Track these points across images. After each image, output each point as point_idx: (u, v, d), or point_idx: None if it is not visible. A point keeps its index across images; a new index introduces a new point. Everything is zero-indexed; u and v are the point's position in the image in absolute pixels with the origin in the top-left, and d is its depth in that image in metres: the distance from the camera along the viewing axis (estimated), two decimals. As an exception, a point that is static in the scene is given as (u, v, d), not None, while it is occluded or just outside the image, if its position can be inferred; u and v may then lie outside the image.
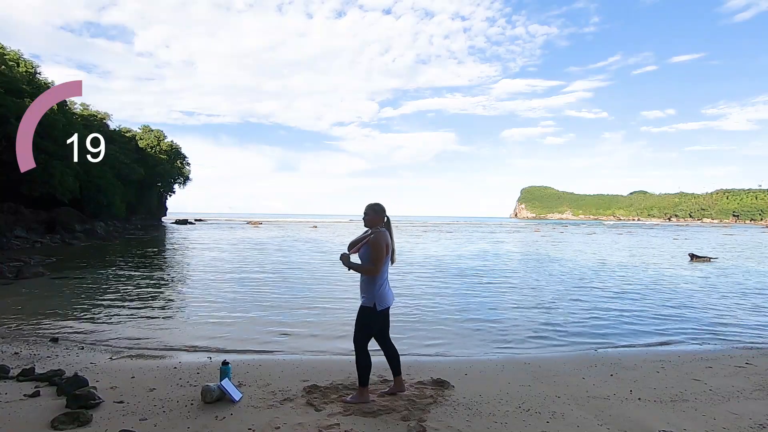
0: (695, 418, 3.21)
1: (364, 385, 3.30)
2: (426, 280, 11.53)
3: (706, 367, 4.52)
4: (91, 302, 8.04)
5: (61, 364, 4.27)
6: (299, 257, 17.58)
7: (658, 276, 13.10)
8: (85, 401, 3.11)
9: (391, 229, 3.41)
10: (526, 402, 3.45)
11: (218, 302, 8.26)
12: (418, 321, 6.85)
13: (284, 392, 3.52)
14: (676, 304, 8.66)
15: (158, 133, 57.21)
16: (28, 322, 6.40)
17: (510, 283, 11.32)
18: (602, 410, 3.32)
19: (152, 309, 7.59)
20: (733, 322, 7.15)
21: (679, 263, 17.25)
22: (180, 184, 62.68)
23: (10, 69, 27.97)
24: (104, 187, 33.24)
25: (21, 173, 24.09)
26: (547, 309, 8.01)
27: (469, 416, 3.15)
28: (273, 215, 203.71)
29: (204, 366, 4.27)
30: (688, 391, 3.77)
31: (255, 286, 10.23)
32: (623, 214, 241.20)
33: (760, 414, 3.28)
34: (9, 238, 19.51)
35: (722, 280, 12.44)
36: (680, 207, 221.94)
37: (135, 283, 10.49)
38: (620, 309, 8.06)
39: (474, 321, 6.98)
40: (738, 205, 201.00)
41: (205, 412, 3.10)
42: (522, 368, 4.40)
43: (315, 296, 8.97)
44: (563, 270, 14.32)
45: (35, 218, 24.42)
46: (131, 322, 6.57)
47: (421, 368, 4.16)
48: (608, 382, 4.00)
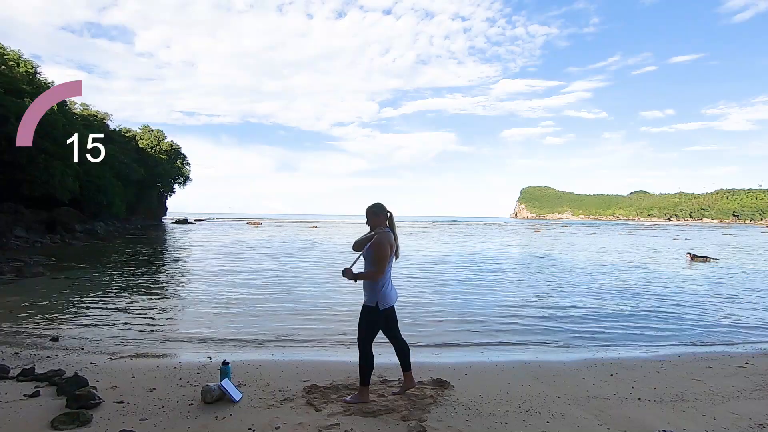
0: (695, 418, 3.21)
1: (364, 385, 3.30)
2: (426, 279, 11.53)
3: (706, 367, 4.52)
4: (91, 302, 8.04)
5: (61, 364, 4.26)
6: (299, 257, 17.58)
7: (657, 276, 13.09)
8: (85, 401, 3.11)
9: (394, 226, 3.40)
10: (526, 402, 3.44)
11: (218, 302, 8.25)
12: (418, 321, 6.84)
13: (284, 392, 3.52)
14: (676, 304, 8.66)
15: (158, 133, 57.24)
16: (28, 322, 6.39)
17: (510, 283, 11.31)
18: (602, 410, 3.32)
19: (152, 309, 7.58)
20: (733, 322, 7.15)
21: (678, 263, 17.25)
22: (180, 184, 62.77)
23: (10, 69, 28.02)
24: (104, 187, 33.24)
25: (21, 173, 24.14)
26: (546, 309, 8.00)
27: (469, 416, 3.15)
28: (273, 215, 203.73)
29: (204, 366, 4.27)
30: (688, 391, 3.77)
31: (255, 286, 10.23)
32: (623, 214, 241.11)
33: (760, 414, 3.28)
34: (9, 238, 19.48)
35: (722, 279, 12.43)
36: (680, 207, 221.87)
37: (135, 282, 10.48)
38: (620, 309, 8.06)
39: (474, 321, 6.97)
40: (738, 205, 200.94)
41: (205, 412, 3.09)
42: (522, 368, 4.40)
43: (315, 296, 8.97)
44: (563, 270, 14.32)
45: (35, 218, 24.38)
46: (131, 322, 6.56)
47: (421, 368, 4.15)
48: (608, 382, 4.00)
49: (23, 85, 26.64)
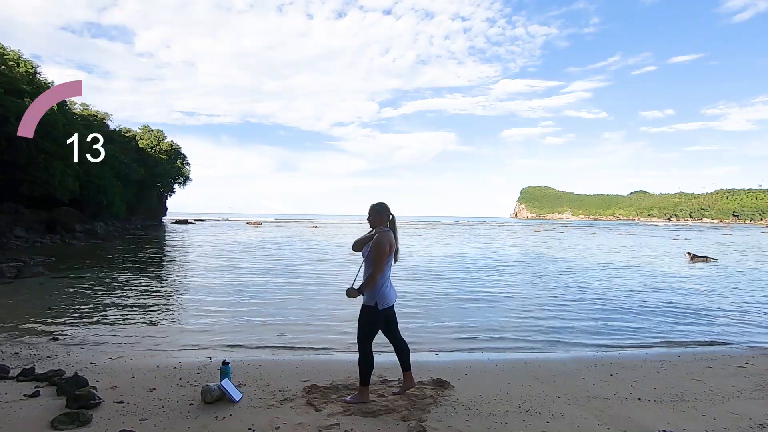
0: (695, 418, 3.21)
1: (364, 385, 3.30)
2: (425, 280, 11.53)
3: (706, 367, 4.52)
4: (91, 302, 8.04)
5: (61, 364, 4.26)
6: (300, 257, 17.58)
7: (657, 276, 13.09)
8: (85, 401, 3.11)
9: (396, 227, 3.40)
10: (526, 402, 3.44)
11: (218, 302, 8.25)
12: (418, 321, 6.85)
13: (284, 392, 3.52)
14: (676, 303, 8.66)
15: (158, 133, 57.21)
16: (28, 322, 6.39)
17: (510, 283, 11.31)
18: (602, 410, 3.32)
19: (152, 309, 7.59)
20: (732, 322, 7.15)
21: (678, 263, 17.25)
22: (180, 184, 62.72)
23: (10, 69, 28.01)
24: (104, 187, 33.21)
25: (21, 173, 24.13)
26: (546, 309, 8.00)
27: (469, 416, 3.15)
28: (273, 215, 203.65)
29: (204, 366, 4.26)
30: (688, 391, 3.77)
31: (255, 286, 10.23)
32: (623, 214, 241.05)
33: (760, 414, 3.28)
34: (9, 238, 19.48)
35: (721, 279, 12.44)
36: (680, 207, 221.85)
37: (135, 283, 10.48)
38: (620, 309, 8.06)
39: (474, 321, 6.98)
40: (738, 205, 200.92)
41: (205, 412, 3.09)
42: (522, 368, 4.40)
43: (315, 296, 8.98)
44: (563, 270, 14.32)
45: (35, 218, 24.38)
46: (131, 322, 6.56)
47: (421, 368, 4.15)
48: (608, 382, 4.00)
49: (23, 85, 26.61)
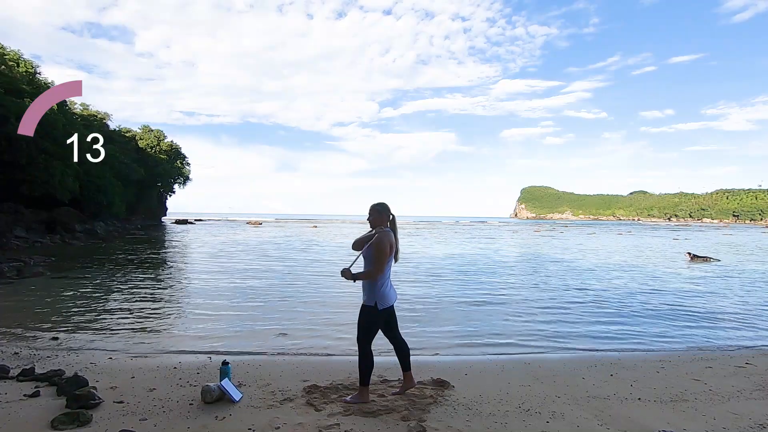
0: (695, 418, 3.21)
1: (364, 385, 3.30)
2: (425, 280, 11.53)
3: (706, 367, 4.52)
4: (91, 302, 8.04)
5: (61, 364, 4.26)
6: (299, 257, 17.57)
7: (657, 276, 13.09)
8: (85, 401, 3.11)
9: (396, 228, 3.40)
10: (526, 402, 3.45)
11: (218, 302, 8.25)
12: (418, 321, 6.85)
13: (284, 392, 3.52)
14: (676, 303, 8.65)
15: (158, 133, 57.20)
16: (28, 322, 6.39)
17: (509, 283, 11.31)
18: (602, 410, 3.32)
19: (152, 309, 7.58)
20: (732, 322, 7.15)
21: (678, 263, 17.25)
22: (180, 184, 62.72)
23: (10, 69, 28.01)
24: (104, 187, 33.21)
25: (21, 173, 24.13)
26: (546, 309, 8.00)
27: (469, 416, 3.15)
28: (273, 215, 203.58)
29: (204, 366, 4.27)
30: (688, 391, 3.77)
31: (255, 286, 10.23)
32: (623, 214, 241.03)
33: (760, 414, 3.28)
34: (9, 238, 19.48)
35: (721, 279, 12.43)
36: (680, 207, 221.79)
37: (135, 282, 10.48)
38: (620, 309, 8.06)
39: (474, 321, 6.98)
40: (738, 205, 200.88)
41: (205, 412, 3.09)
42: (522, 368, 4.40)
43: (315, 295, 8.97)
44: (563, 270, 14.32)
45: (35, 218, 24.38)
46: (131, 322, 6.56)
47: (421, 368, 4.15)
48: (608, 382, 4.00)
49: (23, 85, 26.61)
